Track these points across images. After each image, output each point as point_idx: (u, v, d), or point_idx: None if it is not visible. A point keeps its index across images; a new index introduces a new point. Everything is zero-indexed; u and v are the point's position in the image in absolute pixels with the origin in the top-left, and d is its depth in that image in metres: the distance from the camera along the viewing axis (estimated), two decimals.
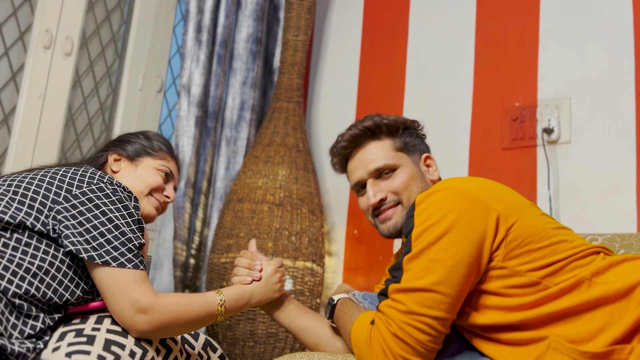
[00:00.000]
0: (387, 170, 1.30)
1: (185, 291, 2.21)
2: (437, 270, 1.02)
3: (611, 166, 1.88)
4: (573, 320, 1.01)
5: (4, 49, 1.91)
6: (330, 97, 2.53)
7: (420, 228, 1.06)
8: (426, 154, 1.36)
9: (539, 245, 1.06)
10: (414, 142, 1.35)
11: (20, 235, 1.09)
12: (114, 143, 1.44)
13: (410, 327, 1.02)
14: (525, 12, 2.13)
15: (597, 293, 1.01)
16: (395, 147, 1.32)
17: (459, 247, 1.03)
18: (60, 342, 1.04)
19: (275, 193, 2.10)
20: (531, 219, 1.09)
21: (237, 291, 1.27)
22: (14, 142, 1.89)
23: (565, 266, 1.06)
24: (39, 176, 1.18)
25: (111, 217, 1.13)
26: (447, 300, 1.02)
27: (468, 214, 1.05)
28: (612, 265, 1.07)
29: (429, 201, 1.08)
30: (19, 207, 1.11)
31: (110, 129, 2.30)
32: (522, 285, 1.04)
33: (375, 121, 1.32)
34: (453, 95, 2.22)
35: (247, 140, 2.34)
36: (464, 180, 1.15)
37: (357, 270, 2.28)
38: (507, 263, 1.05)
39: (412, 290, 1.04)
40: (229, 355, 2.01)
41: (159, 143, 1.43)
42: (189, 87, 2.22)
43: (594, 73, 1.96)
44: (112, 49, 2.32)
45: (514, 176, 2.03)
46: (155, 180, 1.37)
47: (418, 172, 1.31)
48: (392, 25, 2.43)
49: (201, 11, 2.28)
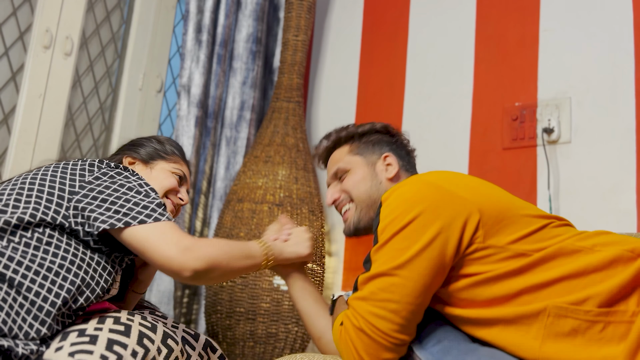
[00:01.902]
0: (341, 173, 1.39)
1: (186, 291, 2.21)
2: (400, 257, 1.04)
3: (611, 166, 1.88)
4: (567, 285, 1.02)
5: (4, 49, 1.91)
6: (330, 97, 2.53)
7: (385, 221, 1.09)
8: (386, 153, 1.39)
9: (511, 220, 1.08)
10: (373, 145, 1.41)
11: (40, 234, 1.09)
12: (127, 147, 1.45)
13: (375, 317, 1.03)
14: (525, 12, 2.13)
15: (588, 260, 1.03)
16: (350, 151, 1.41)
17: (421, 234, 1.05)
18: (63, 342, 1.04)
19: (275, 193, 2.10)
20: (500, 198, 1.12)
21: (272, 243, 1.31)
22: (14, 142, 1.89)
23: (542, 234, 1.08)
24: (50, 172, 1.19)
25: (130, 186, 1.17)
26: (408, 284, 1.03)
27: (431, 203, 1.07)
28: (589, 236, 1.09)
29: (393, 197, 1.11)
30: (37, 204, 1.12)
31: (110, 129, 2.30)
32: (507, 258, 1.05)
33: (337, 133, 1.45)
34: (453, 95, 2.22)
35: (247, 140, 2.34)
36: (427, 174, 1.18)
37: (357, 271, 2.28)
38: (490, 242, 1.06)
39: (376, 276, 1.06)
40: (229, 356, 2.01)
41: (172, 147, 1.44)
42: (189, 87, 2.22)
43: (594, 73, 1.96)
44: (112, 48, 2.32)
45: (514, 176, 2.03)
46: (170, 183, 1.37)
47: (370, 172, 1.37)
48: (392, 25, 2.44)
49: (201, 11, 2.28)
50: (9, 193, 1.14)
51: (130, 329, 1.09)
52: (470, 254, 1.06)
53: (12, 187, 1.16)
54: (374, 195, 1.33)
